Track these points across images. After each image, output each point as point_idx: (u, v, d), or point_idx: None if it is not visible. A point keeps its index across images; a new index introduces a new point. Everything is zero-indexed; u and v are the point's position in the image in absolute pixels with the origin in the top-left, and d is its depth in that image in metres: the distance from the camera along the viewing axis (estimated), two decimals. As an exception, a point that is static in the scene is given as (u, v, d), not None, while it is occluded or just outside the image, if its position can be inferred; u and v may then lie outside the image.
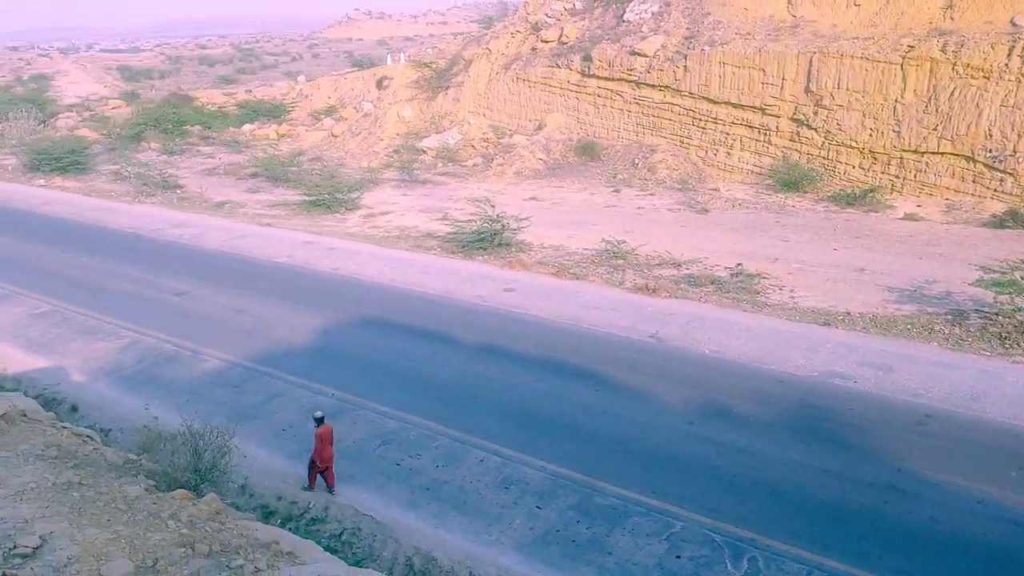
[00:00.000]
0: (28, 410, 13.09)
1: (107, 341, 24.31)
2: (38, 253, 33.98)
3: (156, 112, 67.22)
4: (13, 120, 68.09)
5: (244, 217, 39.61)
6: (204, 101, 75.76)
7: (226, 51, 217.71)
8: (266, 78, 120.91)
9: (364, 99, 65.99)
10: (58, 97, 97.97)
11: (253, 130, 66.19)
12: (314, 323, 24.87)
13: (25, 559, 7.60)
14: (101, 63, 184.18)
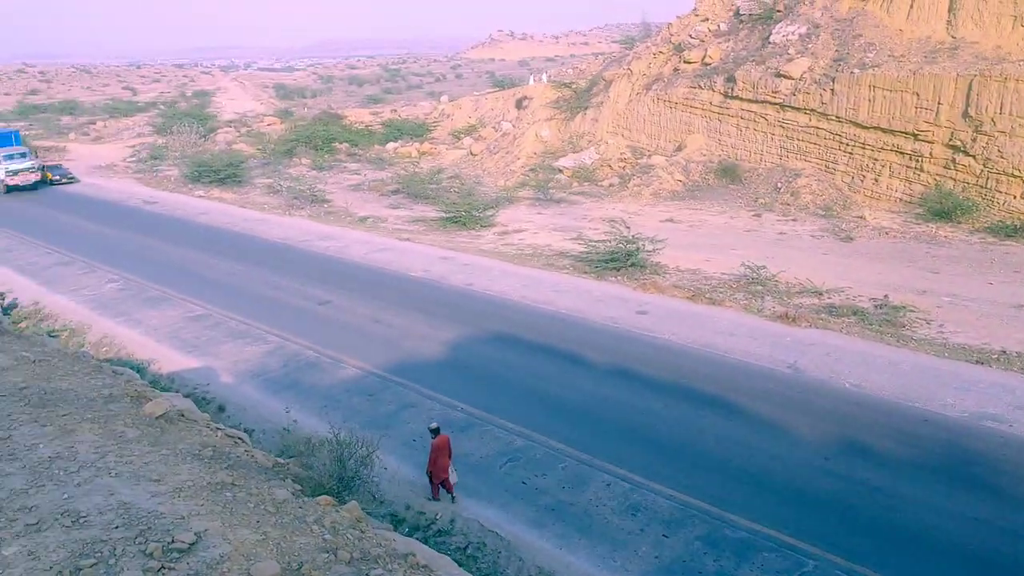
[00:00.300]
0: (185, 410, 13.81)
1: (255, 345, 25.47)
2: (195, 259, 36.06)
3: (307, 129, 70.38)
4: (177, 134, 72.74)
5: (384, 231, 40.80)
6: (352, 120, 78.74)
7: (374, 71, 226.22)
8: (411, 98, 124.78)
9: (503, 118, 66.98)
10: (218, 113, 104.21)
11: (396, 148, 68.26)
12: (446, 336, 25.27)
13: (181, 554, 7.96)
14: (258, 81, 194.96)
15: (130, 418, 12.00)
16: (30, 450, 10.02)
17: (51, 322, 28.99)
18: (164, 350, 25.49)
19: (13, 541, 7.96)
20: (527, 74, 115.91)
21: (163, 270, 34.44)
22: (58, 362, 15.00)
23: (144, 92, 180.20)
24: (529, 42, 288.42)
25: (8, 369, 13.15)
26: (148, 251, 37.96)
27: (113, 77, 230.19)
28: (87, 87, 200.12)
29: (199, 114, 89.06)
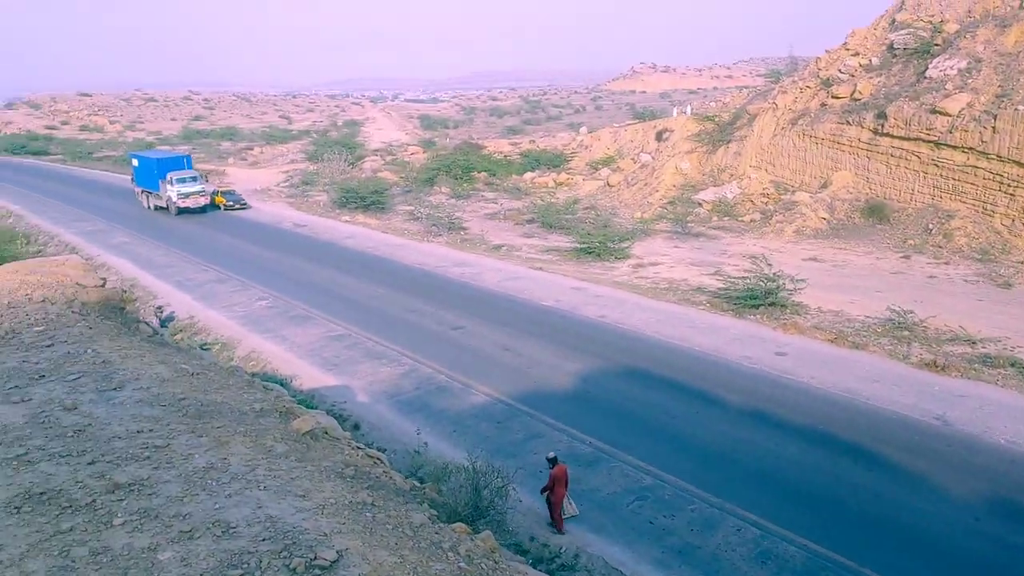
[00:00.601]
0: (329, 428, 14.38)
1: (390, 366, 26.25)
2: (339, 281, 37.56)
3: (448, 159, 72.29)
4: (327, 161, 76.18)
5: (518, 260, 41.30)
6: (491, 150, 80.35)
7: (515, 103, 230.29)
8: (550, 129, 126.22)
9: (642, 150, 66.75)
10: (366, 142, 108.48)
11: (533, 178, 69.11)
12: (576, 368, 25.26)
13: (323, 571, 8.29)
14: (404, 112, 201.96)
15: (279, 433, 12.60)
16: (186, 459, 10.68)
17: (204, 336, 30.76)
18: (306, 367, 26.61)
19: (168, 547, 8.49)
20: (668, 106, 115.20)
21: (309, 290, 36.01)
22: (214, 375, 15.92)
23: (298, 120, 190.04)
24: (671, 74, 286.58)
25: (169, 381, 14.08)
26: (296, 272, 39.80)
27: (271, 106, 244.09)
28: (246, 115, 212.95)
29: (348, 143, 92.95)
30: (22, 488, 9.60)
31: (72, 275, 21.07)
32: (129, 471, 10.18)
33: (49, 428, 11.54)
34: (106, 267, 40.76)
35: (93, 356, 14.98)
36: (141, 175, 62.10)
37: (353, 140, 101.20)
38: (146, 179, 61.01)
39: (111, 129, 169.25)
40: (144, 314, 29.34)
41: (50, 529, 8.69)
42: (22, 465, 10.27)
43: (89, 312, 18.80)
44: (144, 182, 61.53)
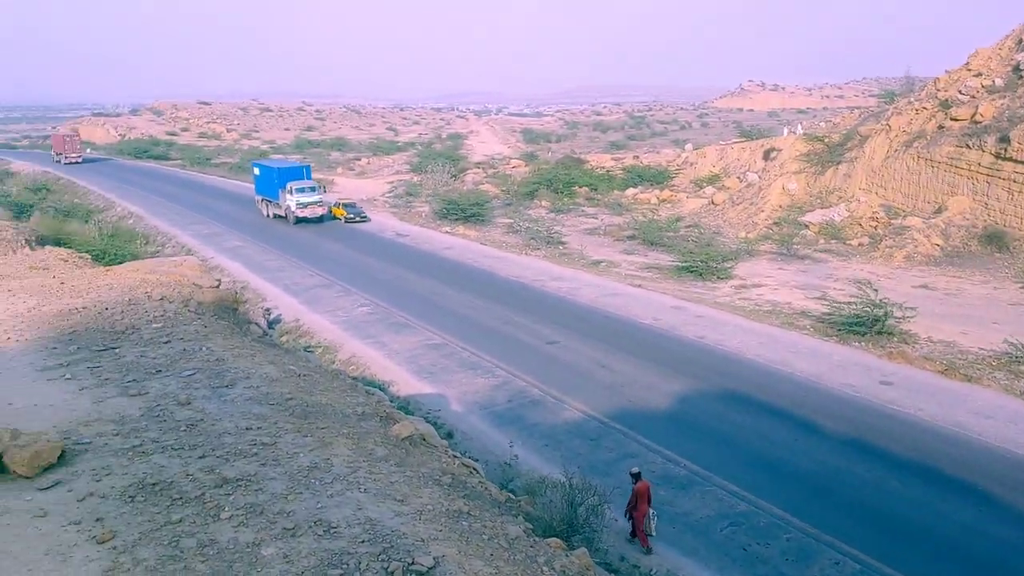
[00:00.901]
0: (427, 434, 14.67)
1: (484, 377, 26.52)
2: (437, 291, 38.19)
3: (550, 173, 72.60)
4: (430, 173, 77.60)
5: (617, 276, 41.10)
6: (593, 164, 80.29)
7: (619, 118, 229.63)
8: (654, 145, 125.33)
9: (749, 169, 65.57)
10: (469, 154, 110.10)
11: (635, 194, 68.72)
12: (672, 388, 24.97)
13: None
14: (508, 126, 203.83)
15: (379, 437, 12.93)
16: (291, 458, 11.08)
17: (308, 338, 31.74)
18: (403, 373, 27.15)
19: (271, 543, 8.82)
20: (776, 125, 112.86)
21: (408, 299, 36.73)
22: (319, 377, 16.45)
23: (404, 133, 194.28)
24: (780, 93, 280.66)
25: (277, 381, 14.63)
26: (397, 280, 40.66)
27: (379, 118, 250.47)
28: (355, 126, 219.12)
29: (451, 155, 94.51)
30: (136, 478, 10.14)
31: (189, 275, 22.10)
32: (237, 467, 10.62)
33: (163, 421, 12.14)
34: (219, 269, 42.52)
35: (207, 354, 15.69)
36: (262, 183, 62.97)
37: (456, 153, 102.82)
38: (266, 188, 61.85)
39: (228, 137, 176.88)
40: (254, 315, 30.52)
41: (161, 519, 9.14)
42: (137, 456, 10.84)
43: (204, 311, 19.68)
44: (264, 190, 62.40)
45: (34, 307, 18.89)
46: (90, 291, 20.40)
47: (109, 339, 16.42)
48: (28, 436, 10.60)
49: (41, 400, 13.04)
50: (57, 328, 17.11)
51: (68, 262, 26.26)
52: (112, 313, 18.29)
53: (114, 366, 14.70)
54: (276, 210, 60.47)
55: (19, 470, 10.17)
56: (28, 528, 8.94)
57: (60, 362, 14.95)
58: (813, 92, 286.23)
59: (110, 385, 13.72)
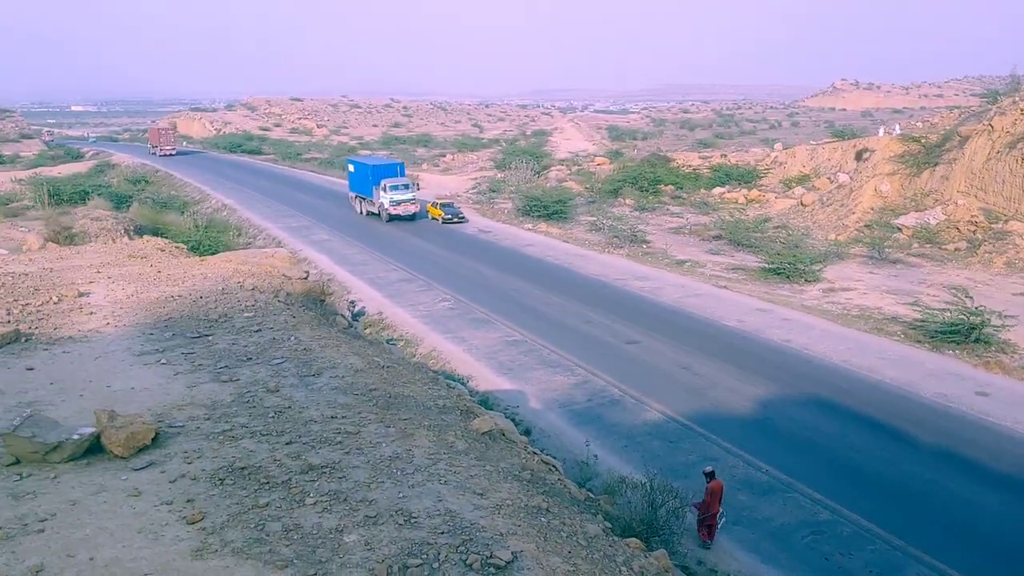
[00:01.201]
0: (506, 430, 14.80)
1: (563, 375, 26.54)
2: (518, 288, 38.34)
3: (635, 171, 72.00)
4: (514, 169, 77.81)
5: (701, 277, 40.56)
6: (680, 163, 79.27)
7: (707, 116, 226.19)
8: (742, 144, 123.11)
9: (840, 170, 63.81)
10: (553, 151, 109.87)
11: (722, 193, 67.60)
12: (755, 392, 24.54)
13: (498, 571, 8.58)
14: (593, 123, 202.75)
15: (460, 430, 13.10)
16: (374, 447, 11.32)
17: (390, 331, 32.30)
18: (482, 369, 27.38)
19: (354, 529, 9.04)
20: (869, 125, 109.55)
21: (489, 295, 37.00)
22: (402, 370, 16.75)
23: (489, 129, 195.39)
24: (875, 92, 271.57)
25: (362, 371, 14.95)
26: (478, 276, 40.99)
27: (464, 114, 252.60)
28: (441, 123, 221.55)
29: (535, 152, 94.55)
30: (226, 461, 10.52)
31: (279, 267, 22.74)
32: (322, 454, 10.91)
33: (253, 407, 12.55)
34: (307, 261, 43.59)
35: (295, 343, 16.13)
36: (356, 180, 62.86)
37: (540, 149, 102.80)
38: (360, 184, 61.78)
39: (318, 133, 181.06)
40: (339, 307, 31.20)
41: (249, 502, 9.46)
42: (227, 440, 11.24)
43: (293, 302, 20.22)
44: (358, 187, 62.32)
45: (132, 294, 19.73)
46: (186, 280, 21.19)
47: (203, 327, 17.03)
48: (125, 418, 11.10)
49: (137, 384, 13.63)
50: (154, 315, 17.83)
51: (165, 251, 27.23)
52: (206, 302, 18.97)
53: (207, 353, 15.26)
54: (370, 207, 60.25)
55: (116, 450, 10.66)
56: (123, 506, 9.37)
57: (156, 347, 15.58)
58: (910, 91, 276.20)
59: (203, 371, 14.25)
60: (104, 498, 9.57)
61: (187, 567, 8.16)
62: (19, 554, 8.30)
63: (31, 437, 10.49)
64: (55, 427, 10.87)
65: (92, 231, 44.33)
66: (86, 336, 16.26)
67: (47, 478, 10.05)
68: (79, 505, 9.36)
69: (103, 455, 10.70)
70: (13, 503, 9.37)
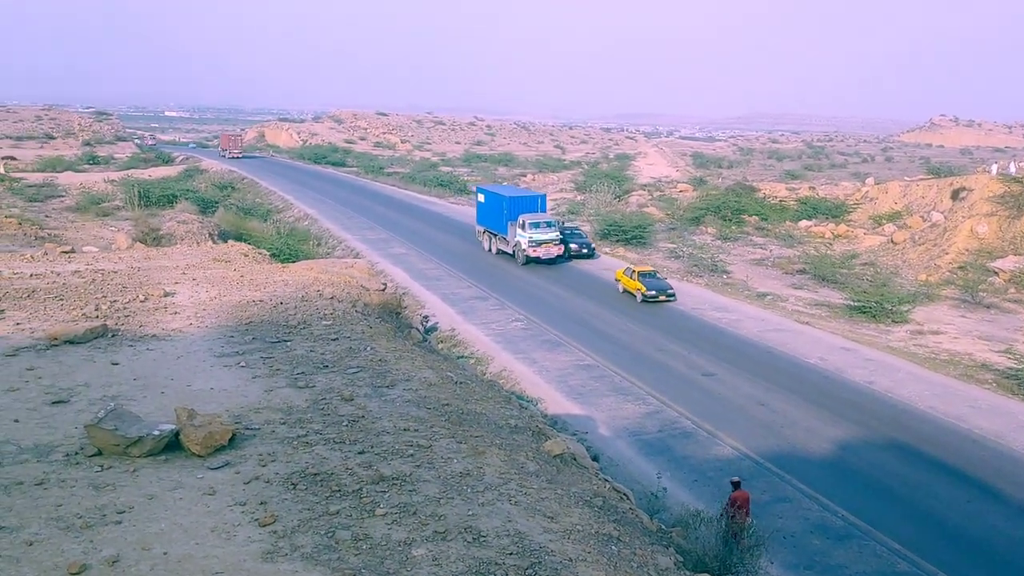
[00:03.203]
0: (578, 455, 14.77)
1: (634, 404, 26.34)
2: (592, 311, 38.25)
3: (718, 199, 71.18)
4: (594, 192, 77.75)
5: (782, 311, 39.80)
6: (766, 193, 78.09)
7: (796, 147, 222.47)
8: (832, 177, 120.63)
9: (934, 208, 61.98)
10: (635, 176, 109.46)
11: (809, 227, 66.32)
12: (835, 433, 23.94)
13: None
14: (677, 148, 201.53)
15: (531, 452, 13.14)
16: (446, 462, 11.44)
17: (462, 348, 32.56)
18: (551, 392, 27.38)
19: (422, 544, 9.14)
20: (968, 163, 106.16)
21: (562, 317, 36.99)
22: (475, 386, 16.90)
23: (572, 151, 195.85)
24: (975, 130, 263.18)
25: (435, 386, 15.15)
26: (552, 297, 41.03)
27: (547, 135, 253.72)
28: (523, 143, 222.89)
29: (617, 175, 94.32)
30: (300, 466, 10.76)
31: (358, 278, 23.21)
32: (394, 465, 11.07)
33: (327, 415, 12.81)
34: (383, 274, 44.30)
35: (371, 354, 16.42)
36: (486, 213, 55.06)
37: (622, 173, 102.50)
38: (491, 218, 53.98)
39: (402, 147, 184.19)
40: (414, 321, 31.61)
41: (320, 509, 9.66)
42: (301, 446, 11.50)
43: (369, 313, 20.62)
44: (489, 221, 54.43)
45: (216, 296, 20.38)
46: (267, 285, 21.80)
47: (282, 332, 17.49)
48: (203, 417, 11.47)
49: (217, 384, 14.06)
50: (235, 318, 18.39)
51: (248, 257, 28.09)
52: (286, 308, 19.47)
53: (285, 358, 15.65)
54: (502, 245, 52.51)
55: (193, 448, 11.03)
56: (198, 504, 9.67)
57: (236, 350, 16.06)
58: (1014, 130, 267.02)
59: (280, 376, 14.62)
60: (180, 495, 9.89)
61: (257, 569, 8.36)
62: (96, 544, 8.63)
63: (113, 430, 10.92)
64: (137, 422, 11.29)
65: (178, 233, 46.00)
66: (169, 335, 16.86)
67: (127, 471, 10.44)
68: (156, 500, 9.69)
69: (181, 452, 11.07)
70: (94, 494, 9.75)
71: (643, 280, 41.44)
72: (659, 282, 41.78)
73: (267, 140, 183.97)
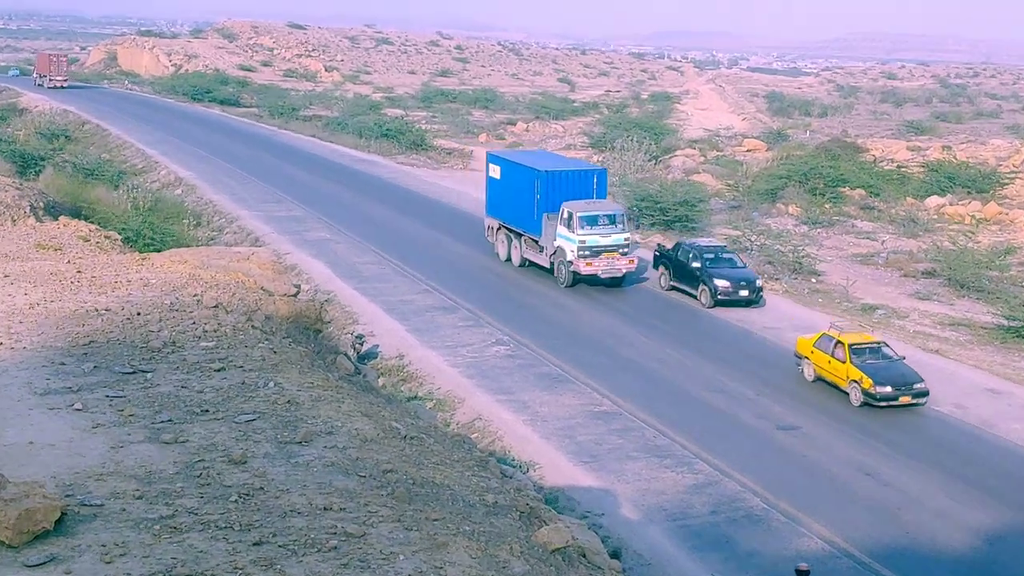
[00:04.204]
0: (588, 549, 14.72)
1: (675, 471, 26.32)
2: (616, 332, 38.34)
3: (805, 163, 71.20)
4: (619, 151, 77.27)
5: (901, 333, 39.90)
6: (877, 154, 78.48)
7: (924, 85, 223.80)
8: (978, 131, 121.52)
9: None
10: (681, 127, 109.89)
11: (942, 206, 66.60)
12: (979, 519, 24.06)
13: None
14: (745, 86, 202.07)
15: (518, 544, 13.04)
16: (387, 560, 11.35)
17: (415, 385, 32.46)
18: (551, 451, 27.33)
19: None
20: None
21: (569, 338, 37.00)
22: (433, 444, 16.83)
23: (585, 88, 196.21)
24: None
25: (373, 442, 15.06)
26: (554, 307, 41.10)
27: (548, 63, 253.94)
28: (512, 73, 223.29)
29: (653, 126, 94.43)
30: (162, 565, 10.67)
31: (258, 276, 23.14)
32: (307, 564, 11.00)
33: (207, 485, 12.73)
34: (296, 271, 44.17)
35: (275, 392, 16.35)
36: (504, 197, 49.78)
37: (661, 123, 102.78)
38: (513, 206, 48.64)
39: (326, 78, 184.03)
40: (342, 343, 31.47)
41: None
42: (166, 532, 11.43)
43: (275, 330, 20.55)
44: (503, 210, 49.75)
45: (39, 302, 20.26)
46: (118, 286, 21.69)
47: (139, 358, 17.38)
48: (17, 487, 11.29)
49: (38, 437, 13.93)
50: (68, 335, 18.26)
51: (89, 242, 27.96)
52: (146, 321, 19.37)
53: (143, 398, 15.55)
54: (531, 253, 47.27)
55: (1, 535, 10.84)
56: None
57: (69, 385, 15.94)
58: None
59: (136, 424, 14.52)
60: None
61: None
62: None
63: None
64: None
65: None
66: (-36, 362, 16.74)
67: None
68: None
69: (-18, 541, 10.93)
70: None
71: (865, 362, 32.29)
72: (898, 368, 32.54)
73: (122, 65, 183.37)
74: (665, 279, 45.12)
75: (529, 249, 47.28)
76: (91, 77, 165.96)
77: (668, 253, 45.57)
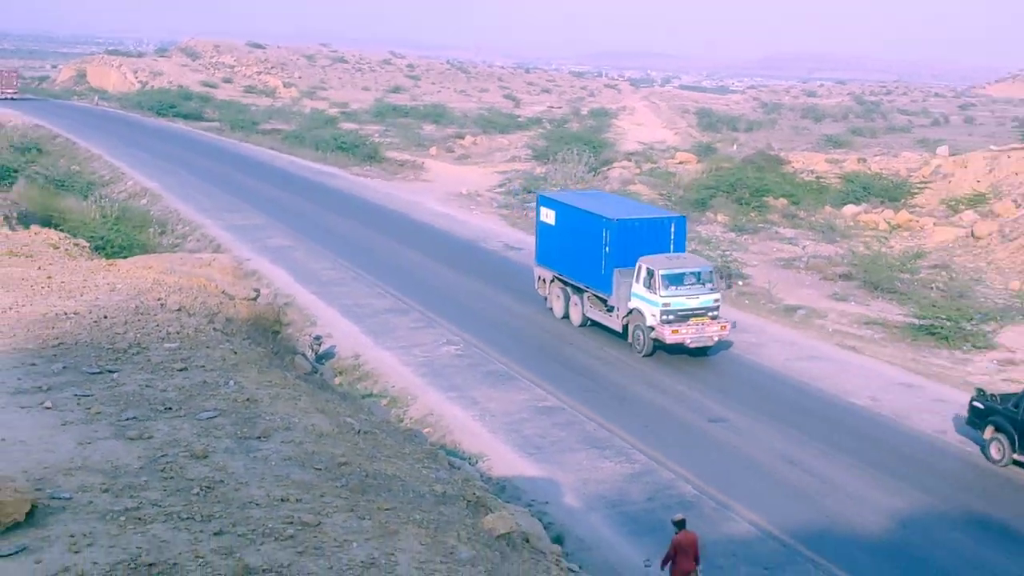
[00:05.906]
0: (532, 535, 14.73)
1: (615, 461, 26.43)
2: (559, 331, 38.41)
3: (733, 174, 71.77)
4: (560, 163, 77.85)
5: (819, 332, 40.31)
6: (798, 166, 79.11)
7: (841, 102, 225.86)
8: (890, 144, 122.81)
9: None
10: (618, 140, 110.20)
11: (857, 214, 67.26)
12: (893, 503, 24.31)
13: None
14: (677, 103, 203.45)
15: (465, 531, 13.06)
16: (341, 547, 11.31)
17: (370, 383, 32.42)
18: (498, 445, 27.39)
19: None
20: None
21: (515, 339, 37.07)
22: (385, 438, 16.79)
23: (528, 104, 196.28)
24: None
25: (328, 437, 15.02)
26: (502, 312, 41.07)
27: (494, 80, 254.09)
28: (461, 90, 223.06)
29: (592, 139, 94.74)
30: (128, 554, 10.54)
31: (218, 281, 23.00)
32: (265, 552, 10.92)
33: (170, 479, 12.62)
34: (256, 276, 43.90)
35: (235, 391, 16.23)
36: (560, 245, 41.10)
37: (600, 137, 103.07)
38: (570, 256, 40.22)
39: (284, 94, 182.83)
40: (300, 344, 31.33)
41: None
42: (131, 523, 11.29)
43: (235, 332, 20.40)
44: (560, 261, 41.00)
45: (10, 307, 19.99)
46: (86, 291, 21.44)
47: (106, 359, 17.19)
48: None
49: (9, 434, 13.74)
50: (39, 338, 18.04)
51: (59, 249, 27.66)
52: (112, 324, 19.16)
53: (109, 396, 15.38)
54: (597, 313, 38.85)
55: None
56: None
57: (39, 384, 15.75)
58: None
59: (102, 421, 14.36)
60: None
61: None
62: None
63: None
64: None
65: (-44, 215, 45.04)
66: (-64, 364, 16.48)
67: None
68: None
69: (-46, 533, 10.78)
70: None
71: None
72: None
73: (91, 82, 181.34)
74: (1002, 450, 26.52)
75: (593, 308, 38.89)
76: (61, 93, 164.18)
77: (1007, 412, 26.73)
